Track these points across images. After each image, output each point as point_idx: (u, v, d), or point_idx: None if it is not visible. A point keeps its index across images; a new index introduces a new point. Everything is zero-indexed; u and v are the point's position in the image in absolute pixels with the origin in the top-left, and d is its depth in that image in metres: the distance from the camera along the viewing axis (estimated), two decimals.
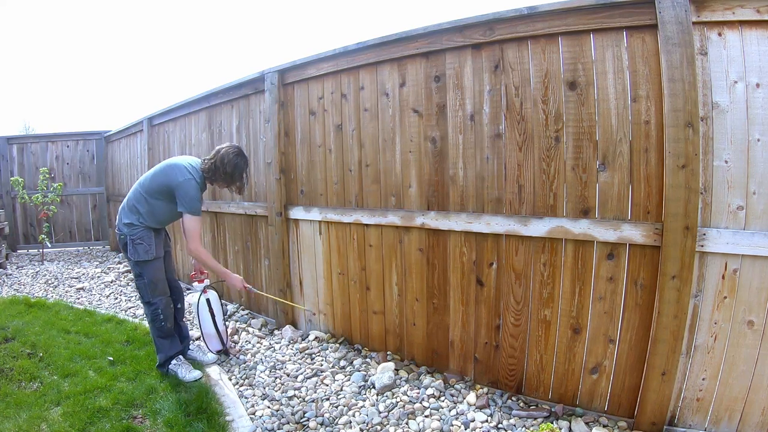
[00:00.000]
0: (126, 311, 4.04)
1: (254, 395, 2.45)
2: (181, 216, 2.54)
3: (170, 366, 2.63)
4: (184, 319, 2.90)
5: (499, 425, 2.08)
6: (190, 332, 2.94)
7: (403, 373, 2.57)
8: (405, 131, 2.57)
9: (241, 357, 2.95)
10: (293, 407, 2.31)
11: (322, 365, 2.76)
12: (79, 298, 4.49)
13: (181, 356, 2.70)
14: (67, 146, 7.38)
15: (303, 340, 3.18)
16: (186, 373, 2.59)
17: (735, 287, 1.76)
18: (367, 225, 2.80)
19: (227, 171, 2.51)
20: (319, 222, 3.09)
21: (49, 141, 7.36)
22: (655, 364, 1.88)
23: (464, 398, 2.31)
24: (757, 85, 1.69)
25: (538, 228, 2.10)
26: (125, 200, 2.60)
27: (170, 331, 2.65)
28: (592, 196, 2.00)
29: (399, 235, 2.65)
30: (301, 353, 2.95)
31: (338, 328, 3.11)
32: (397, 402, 2.30)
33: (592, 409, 2.10)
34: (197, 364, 2.78)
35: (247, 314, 3.75)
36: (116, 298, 4.49)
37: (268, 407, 2.32)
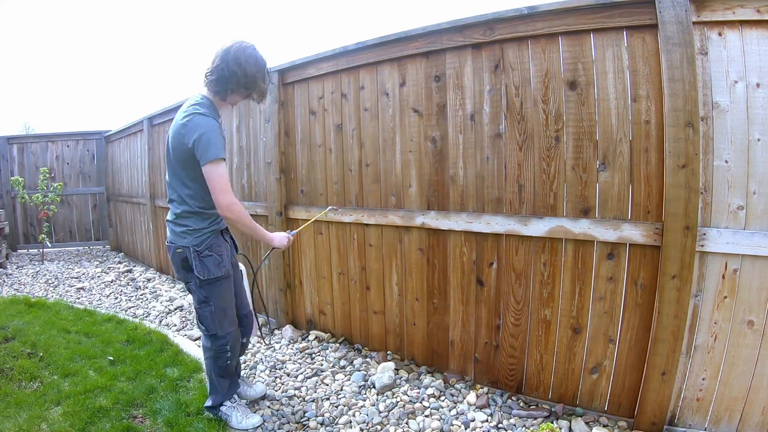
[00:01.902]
0: (126, 311, 4.04)
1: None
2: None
3: (223, 408, 2.11)
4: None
5: (499, 425, 2.08)
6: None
7: (403, 373, 2.57)
8: (405, 131, 2.57)
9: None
10: (293, 407, 2.31)
11: (322, 365, 2.76)
12: (79, 298, 4.49)
13: (236, 395, 2.20)
14: (67, 146, 7.38)
15: (303, 339, 3.18)
16: (242, 418, 2.10)
17: (735, 287, 1.76)
18: (367, 225, 2.80)
19: (248, 72, 1.87)
20: (320, 221, 3.09)
21: (49, 141, 7.36)
22: (655, 364, 1.88)
23: (464, 398, 2.31)
24: (758, 85, 1.69)
25: (539, 228, 2.10)
26: (169, 203, 2.01)
27: (233, 369, 2.13)
28: (592, 195, 2.00)
29: (399, 234, 2.65)
30: (301, 353, 2.95)
31: (338, 327, 3.11)
32: (397, 402, 2.30)
33: (592, 409, 2.10)
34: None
35: None
36: (116, 298, 4.49)
37: (268, 407, 2.32)
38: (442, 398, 2.33)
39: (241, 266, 2.35)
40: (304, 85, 3.12)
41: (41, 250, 6.69)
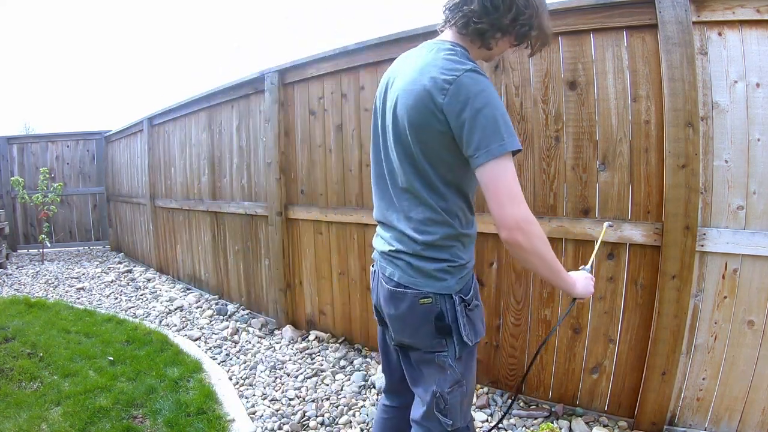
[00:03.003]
0: (126, 311, 4.04)
1: (254, 395, 2.45)
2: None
3: None
4: None
5: (500, 425, 2.08)
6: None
7: None
8: None
9: (241, 357, 2.95)
10: (293, 407, 2.31)
11: (322, 365, 2.76)
12: (79, 298, 4.49)
13: None
14: (67, 146, 7.38)
15: (303, 339, 3.18)
16: None
17: (735, 287, 1.76)
18: (367, 225, 2.79)
19: (531, 1, 1.07)
20: (320, 222, 3.09)
21: (49, 141, 7.36)
22: (655, 364, 1.88)
23: None
24: (757, 85, 1.69)
25: None
26: (400, 221, 1.18)
27: None
28: (592, 195, 2.00)
29: None
30: (301, 353, 2.95)
31: (338, 327, 3.11)
32: None
33: (592, 409, 2.10)
34: None
35: (247, 314, 3.75)
36: (116, 298, 4.49)
37: (269, 407, 2.32)
38: None
39: None
40: (304, 85, 3.12)
41: (41, 250, 6.69)
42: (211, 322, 3.65)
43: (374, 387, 2.43)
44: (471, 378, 1.23)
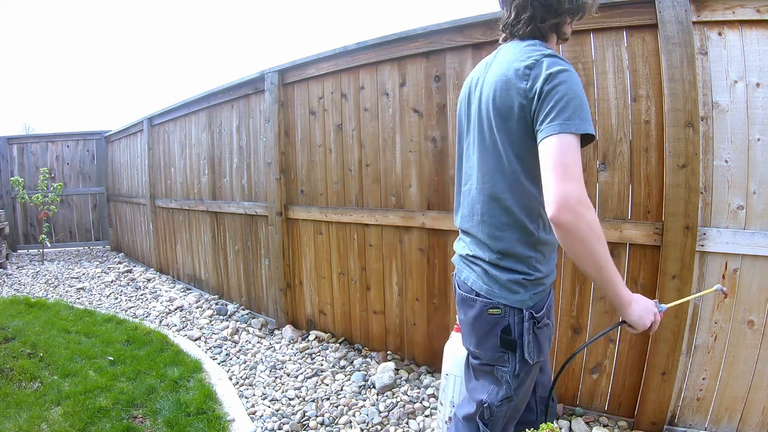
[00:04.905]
0: (126, 311, 4.04)
1: (254, 395, 2.45)
2: None
3: None
4: None
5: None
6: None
7: (403, 373, 2.57)
8: (405, 131, 2.57)
9: (241, 357, 2.95)
10: (293, 407, 2.31)
11: (322, 365, 2.77)
12: (79, 298, 4.49)
13: None
14: (67, 146, 7.38)
15: (303, 339, 3.18)
16: None
17: (735, 287, 1.76)
18: (367, 225, 2.80)
19: None
20: (320, 222, 3.09)
21: (49, 141, 7.36)
22: (655, 364, 1.88)
23: None
24: (758, 85, 1.69)
25: None
26: (476, 225, 1.18)
27: None
28: (592, 195, 2.00)
29: (399, 234, 2.65)
30: (302, 353, 2.95)
31: (338, 327, 3.11)
32: (398, 402, 2.30)
33: (592, 409, 2.10)
34: None
35: (247, 314, 3.75)
36: (116, 298, 4.49)
37: (269, 407, 2.32)
38: None
39: None
40: (304, 85, 3.12)
41: (41, 250, 6.69)
42: (211, 322, 3.65)
43: (374, 387, 2.43)
44: (522, 395, 1.19)
